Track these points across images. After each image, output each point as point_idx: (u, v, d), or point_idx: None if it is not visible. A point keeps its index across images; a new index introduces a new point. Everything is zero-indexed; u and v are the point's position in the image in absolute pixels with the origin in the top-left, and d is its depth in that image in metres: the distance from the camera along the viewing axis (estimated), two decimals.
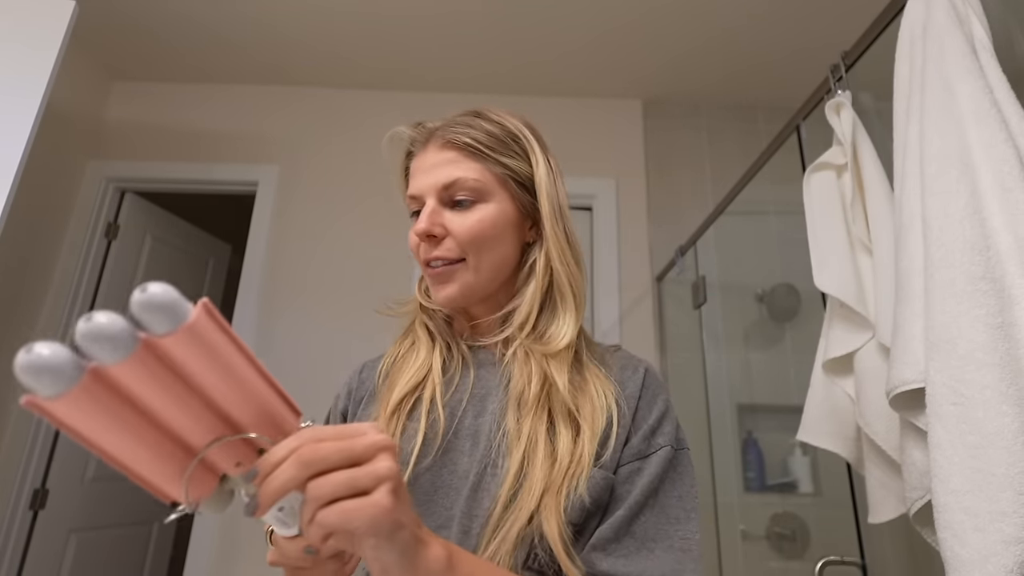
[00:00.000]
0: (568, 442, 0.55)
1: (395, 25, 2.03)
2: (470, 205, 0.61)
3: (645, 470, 0.57)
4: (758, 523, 1.86)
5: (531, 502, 0.52)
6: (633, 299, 2.14)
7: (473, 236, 0.61)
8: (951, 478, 0.65)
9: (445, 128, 0.64)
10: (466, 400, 0.62)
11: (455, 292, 0.62)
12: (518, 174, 0.64)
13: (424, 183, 0.62)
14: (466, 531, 0.54)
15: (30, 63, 1.45)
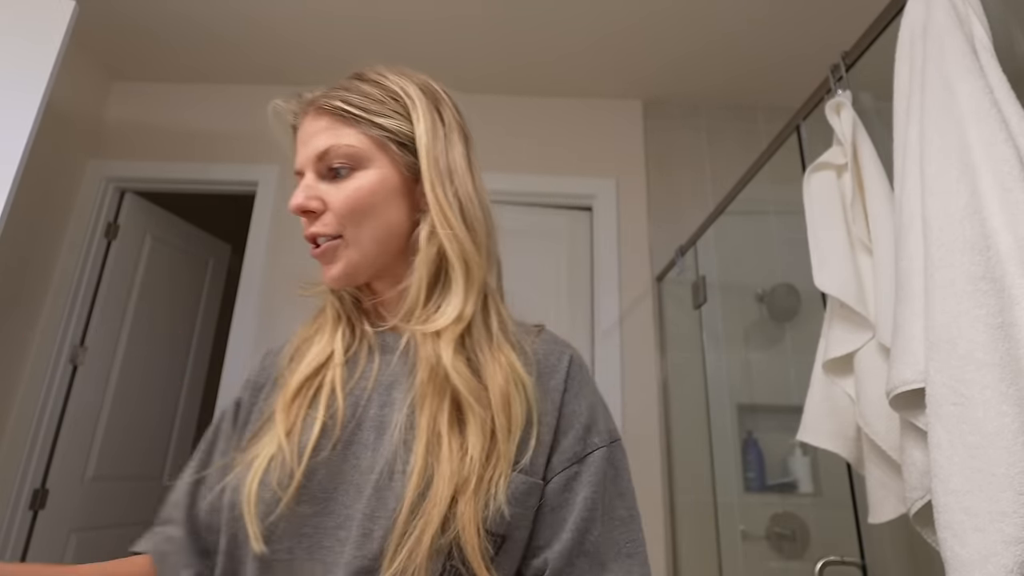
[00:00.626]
0: (479, 438, 0.49)
1: (395, 26, 2.03)
2: (348, 174, 0.56)
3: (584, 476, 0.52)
4: (758, 523, 1.86)
5: (441, 506, 0.46)
6: (633, 299, 2.14)
7: (350, 207, 0.56)
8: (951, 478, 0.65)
9: (325, 95, 0.59)
10: (371, 388, 0.56)
11: (339, 272, 0.58)
12: (398, 135, 0.57)
13: (302, 156, 0.58)
14: (367, 533, 0.48)
15: (30, 63, 1.45)
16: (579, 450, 0.54)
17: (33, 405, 1.98)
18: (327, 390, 0.55)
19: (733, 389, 2.01)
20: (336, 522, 0.49)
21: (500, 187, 2.25)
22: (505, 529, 0.48)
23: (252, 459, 0.52)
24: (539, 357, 0.58)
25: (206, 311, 2.73)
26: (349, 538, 0.48)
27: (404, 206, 0.59)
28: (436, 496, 0.47)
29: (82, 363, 2.11)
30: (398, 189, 0.58)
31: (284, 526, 0.49)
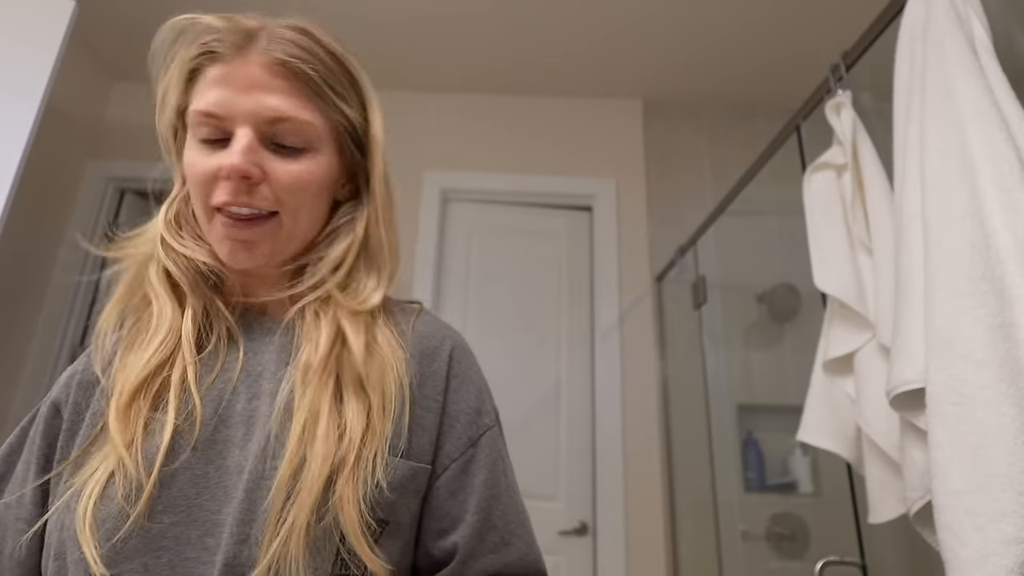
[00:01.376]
0: (358, 415, 0.47)
1: (395, 26, 2.03)
2: (297, 153, 0.50)
3: (480, 458, 0.53)
4: (758, 523, 1.86)
5: (315, 487, 0.43)
6: (633, 299, 2.14)
7: (300, 190, 0.50)
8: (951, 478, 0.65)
9: (274, 40, 0.50)
10: (236, 379, 0.50)
11: (263, 253, 0.51)
12: (354, 127, 0.54)
13: (239, 105, 0.48)
14: (243, 540, 0.43)
15: (30, 63, 1.45)
16: (472, 434, 0.54)
17: (33, 405, 1.96)
18: (176, 388, 0.48)
19: (733, 389, 2.01)
20: (202, 530, 0.45)
21: (500, 187, 2.25)
22: (387, 512, 0.47)
23: (89, 475, 0.45)
24: (419, 337, 0.56)
25: None
26: (219, 545, 0.44)
27: (330, 193, 0.55)
28: (309, 477, 0.44)
29: None
30: (336, 179, 0.55)
31: (135, 543, 0.43)
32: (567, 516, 1.94)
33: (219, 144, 0.49)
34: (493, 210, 2.28)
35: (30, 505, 0.49)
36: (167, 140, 0.56)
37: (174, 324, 0.51)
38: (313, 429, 0.46)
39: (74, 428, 0.51)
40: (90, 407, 0.51)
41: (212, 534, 0.44)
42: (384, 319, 0.55)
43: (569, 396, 2.06)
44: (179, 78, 0.51)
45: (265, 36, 0.50)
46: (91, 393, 0.52)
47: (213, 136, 0.49)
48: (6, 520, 0.49)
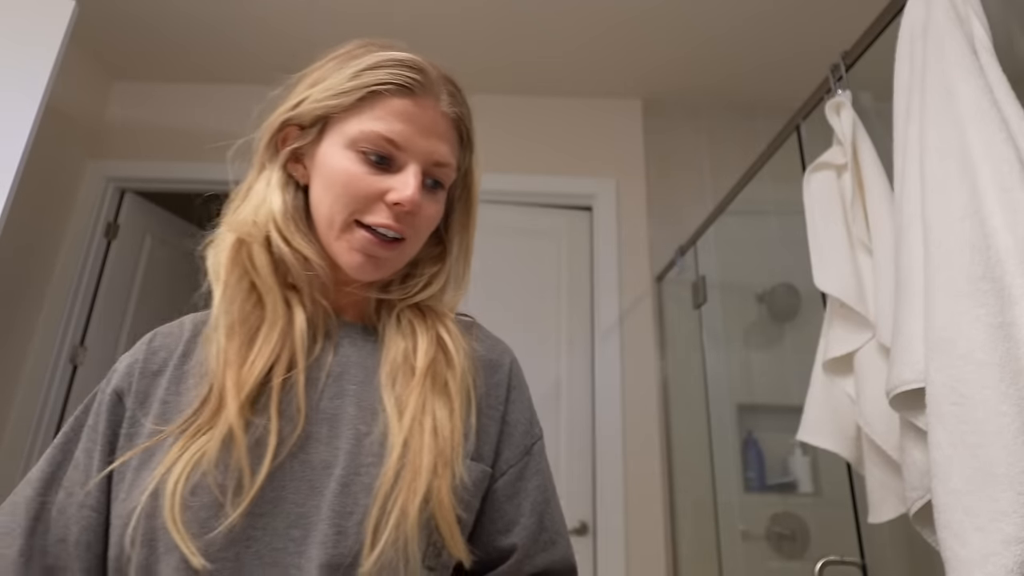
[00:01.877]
0: (447, 417, 0.51)
1: (395, 25, 2.03)
2: (438, 191, 0.56)
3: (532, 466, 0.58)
4: (758, 523, 1.86)
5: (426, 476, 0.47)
6: (633, 299, 2.14)
7: (430, 221, 0.56)
8: (951, 478, 0.65)
9: (450, 95, 0.57)
10: (323, 379, 0.53)
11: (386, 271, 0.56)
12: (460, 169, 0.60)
13: (421, 144, 0.53)
14: (341, 531, 0.46)
15: (30, 63, 1.45)
16: (527, 443, 0.59)
17: (33, 405, 1.98)
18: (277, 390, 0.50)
19: (733, 389, 2.01)
20: (287, 522, 0.46)
21: (500, 187, 2.25)
22: (464, 509, 0.50)
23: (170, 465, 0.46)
24: (483, 351, 0.60)
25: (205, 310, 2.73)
26: (307, 537, 0.46)
27: None
28: (419, 467, 0.47)
29: (82, 363, 2.10)
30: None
31: (229, 535, 0.45)
32: (567, 516, 1.92)
33: (382, 167, 0.53)
34: (493, 210, 2.28)
35: (97, 492, 0.50)
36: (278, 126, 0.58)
37: (286, 322, 0.52)
38: (419, 427, 0.49)
39: (138, 416, 0.51)
40: (157, 395, 0.52)
41: (298, 526, 0.46)
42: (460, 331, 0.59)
43: (569, 396, 2.06)
44: (353, 90, 0.53)
45: (444, 89, 0.56)
46: (158, 381, 0.53)
47: (379, 158, 0.52)
48: (69, 508, 0.50)
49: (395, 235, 0.53)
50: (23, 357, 2.00)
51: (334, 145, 0.54)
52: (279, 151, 0.58)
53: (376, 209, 0.52)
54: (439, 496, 0.47)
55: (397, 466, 0.47)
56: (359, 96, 0.53)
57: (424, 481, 0.47)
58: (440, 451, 0.49)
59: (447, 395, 0.52)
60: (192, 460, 0.46)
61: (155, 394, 0.52)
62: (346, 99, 0.53)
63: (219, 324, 0.52)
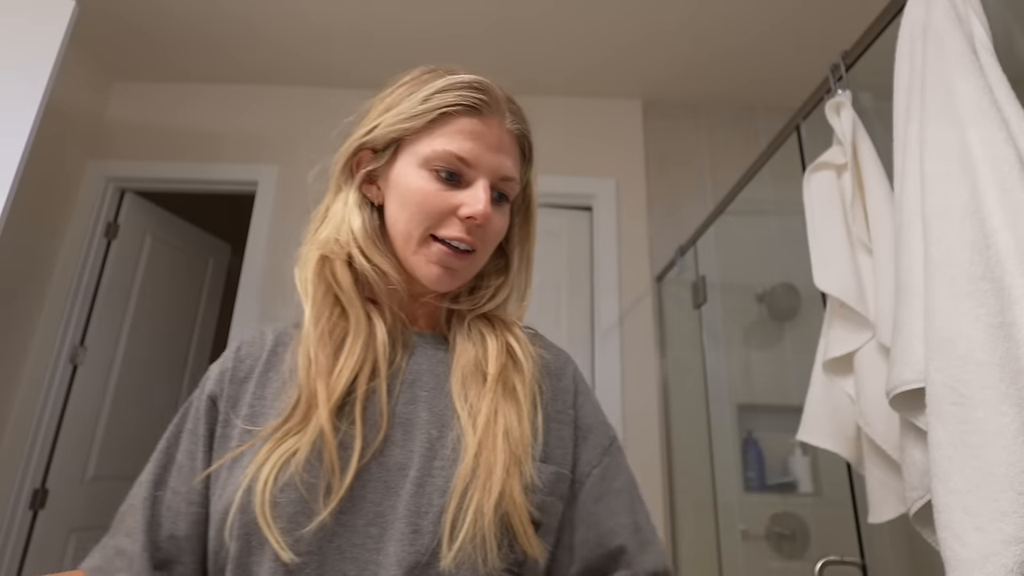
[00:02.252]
0: (515, 420, 0.53)
1: (395, 25, 2.03)
2: (504, 204, 0.60)
3: (613, 465, 0.59)
4: (758, 523, 1.86)
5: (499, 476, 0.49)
6: (633, 299, 2.14)
7: (496, 237, 0.60)
8: (951, 478, 0.65)
9: (513, 113, 0.60)
10: (398, 386, 0.56)
11: (459, 281, 0.59)
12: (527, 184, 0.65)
13: (489, 160, 0.57)
14: (416, 530, 0.48)
15: (30, 63, 1.45)
16: (604, 443, 0.60)
17: (33, 405, 1.98)
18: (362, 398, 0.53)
19: (733, 389, 2.01)
20: (366, 519, 0.49)
21: None
22: (540, 512, 0.52)
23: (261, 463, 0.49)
24: (547, 360, 0.62)
25: (206, 311, 2.73)
26: (384, 535, 0.49)
27: None
28: (493, 468, 0.50)
29: (82, 363, 2.11)
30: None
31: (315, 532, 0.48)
32: None
33: (453, 184, 0.56)
34: None
35: (201, 489, 0.54)
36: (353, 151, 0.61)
37: (368, 334, 0.57)
38: (492, 431, 0.52)
39: (230, 418, 0.56)
40: (245, 399, 0.56)
41: (375, 524, 0.49)
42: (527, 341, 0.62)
43: None
44: (424, 113, 0.57)
45: (508, 107, 0.59)
46: (246, 386, 0.57)
47: (449, 175, 0.56)
48: (178, 505, 0.54)
49: (467, 247, 0.57)
50: (23, 357, 2.00)
51: (408, 165, 0.57)
52: (354, 174, 0.61)
53: (449, 223, 0.56)
54: (512, 494, 0.49)
55: (472, 466, 0.50)
56: (430, 118, 0.56)
57: (498, 480, 0.49)
58: (511, 452, 0.51)
59: (516, 399, 0.55)
60: (282, 460, 0.49)
61: (244, 399, 0.57)
62: (418, 122, 0.57)
63: (309, 335, 0.56)
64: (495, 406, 0.54)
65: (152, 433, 2.55)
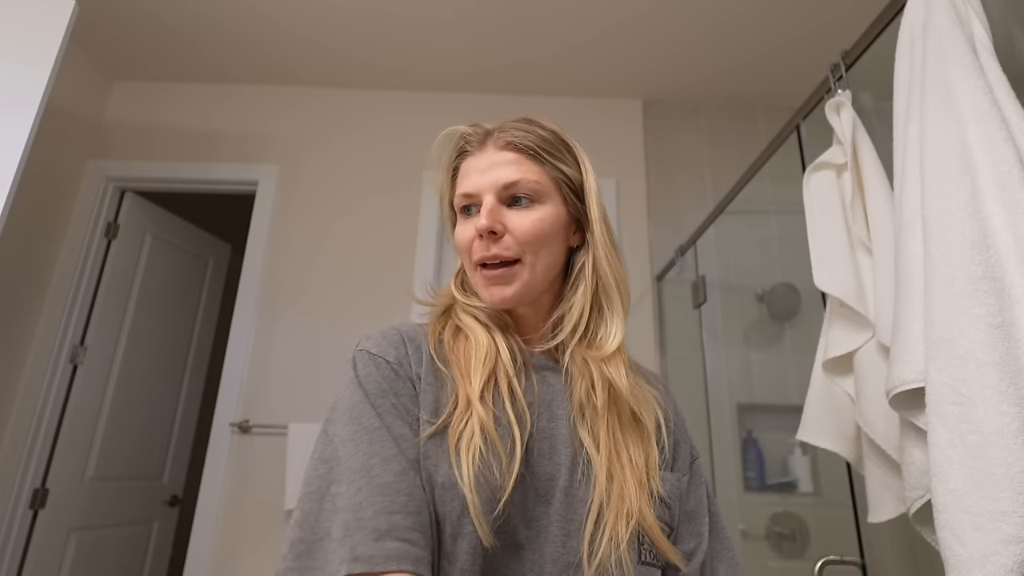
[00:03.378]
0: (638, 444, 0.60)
1: (395, 24, 2.03)
2: (528, 205, 0.62)
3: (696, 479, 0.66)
4: (758, 523, 1.86)
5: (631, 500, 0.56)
6: (633, 298, 2.13)
7: (533, 235, 0.61)
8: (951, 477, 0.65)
9: (504, 131, 0.65)
10: (537, 403, 0.60)
11: (512, 293, 0.61)
12: (571, 180, 0.66)
13: (483, 181, 0.62)
14: (568, 533, 0.55)
15: (30, 63, 1.45)
16: (689, 459, 0.68)
17: (33, 405, 1.98)
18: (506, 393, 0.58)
19: (733, 388, 2.01)
20: (524, 521, 0.54)
21: None
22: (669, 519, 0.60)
23: (460, 453, 0.53)
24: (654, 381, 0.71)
25: (206, 311, 2.73)
26: (538, 536, 0.54)
27: (563, 243, 0.66)
28: (624, 494, 0.56)
29: (82, 363, 2.11)
30: (563, 226, 0.65)
31: (498, 519, 0.52)
32: None
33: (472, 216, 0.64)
34: None
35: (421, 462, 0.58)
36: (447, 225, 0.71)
37: (490, 343, 0.62)
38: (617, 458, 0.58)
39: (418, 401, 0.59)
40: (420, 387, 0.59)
41: (529, 526, 0.55)
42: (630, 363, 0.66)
43: None
44: (447, 176, 0.68)
45: (497, 131, 0.65)
46: (419, 374, 0.60)
47: (465, 208, 0.64)
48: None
49: (497, 261, 0.61)
50: (23, 357, 2.00)
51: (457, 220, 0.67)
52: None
53: (476, 248, 0.62)
54: (643, 515, 0.56)
55: (605, 490, 0.56)
56: (450, 177, 0.68)
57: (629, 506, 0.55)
58: (638, 477, 0.57)
59: (635, 425, 0.61)
60: (470, 448, 0.53)
61: (419, 387, 0.59)
62: (447, 185, 0.68)
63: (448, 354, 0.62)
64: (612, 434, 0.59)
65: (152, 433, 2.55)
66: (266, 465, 1.94)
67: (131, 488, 2.33)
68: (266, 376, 2.04)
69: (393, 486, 0.49)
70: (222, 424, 1.99)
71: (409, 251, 2.17)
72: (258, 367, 2.05)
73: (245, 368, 2.04)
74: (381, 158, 2.29)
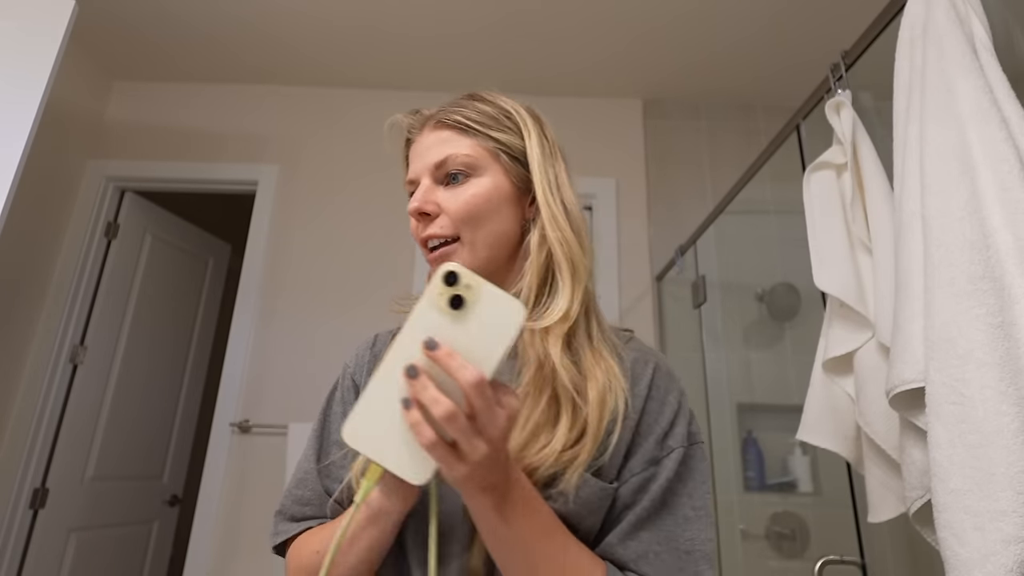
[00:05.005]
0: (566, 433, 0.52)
1: (395, 24, 2.03)
2: (463, 180, 0.61)
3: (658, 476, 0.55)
4: (758, 522, 1.86)
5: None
6: (633, 298, 2.14)
7: (467, 211, 0.59)
8: (951, 477, 0.65)
9: (441, 112, 0.64)
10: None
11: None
12: (511, 148, 0.63)
13: (418, 165, 0.63)
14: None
15: (30, 63, 1.45)
16: (656, 454, 0.56)
17: (33, 405, 1.98)
18: None
19: (733, 388, 2.01)
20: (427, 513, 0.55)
21: None
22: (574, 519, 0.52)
23: None
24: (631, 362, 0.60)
25: (206, 310, 2.73)
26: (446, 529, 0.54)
27: (512, 214, 0.62)
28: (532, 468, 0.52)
29: (82, 363, 2.11)
30: (509, 197, 0.62)
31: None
32: None
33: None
34: None
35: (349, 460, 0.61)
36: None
37: None
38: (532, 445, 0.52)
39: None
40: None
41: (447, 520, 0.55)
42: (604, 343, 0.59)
43: None
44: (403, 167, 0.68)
45: (432, 118, 0.64)
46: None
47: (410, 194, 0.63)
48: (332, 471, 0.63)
49: (436, 241, 0.61)
50: (23, 357, 2.00)
51: None
52: None
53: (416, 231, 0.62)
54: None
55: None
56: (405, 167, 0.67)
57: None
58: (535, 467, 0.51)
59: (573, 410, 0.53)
60: None
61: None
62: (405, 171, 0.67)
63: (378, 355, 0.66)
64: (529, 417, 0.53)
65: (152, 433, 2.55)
66: (266, 465, 1.94)
67: (131, 488, 2.33)
68: (266, 376, 2.04)
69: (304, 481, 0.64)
70: (222, 424, 1.99)
71: (409, 251, 2.17)
72: (258, 367, 2.05)
73: (245, 368, 2.04)
74: (381, 158, 2.29)
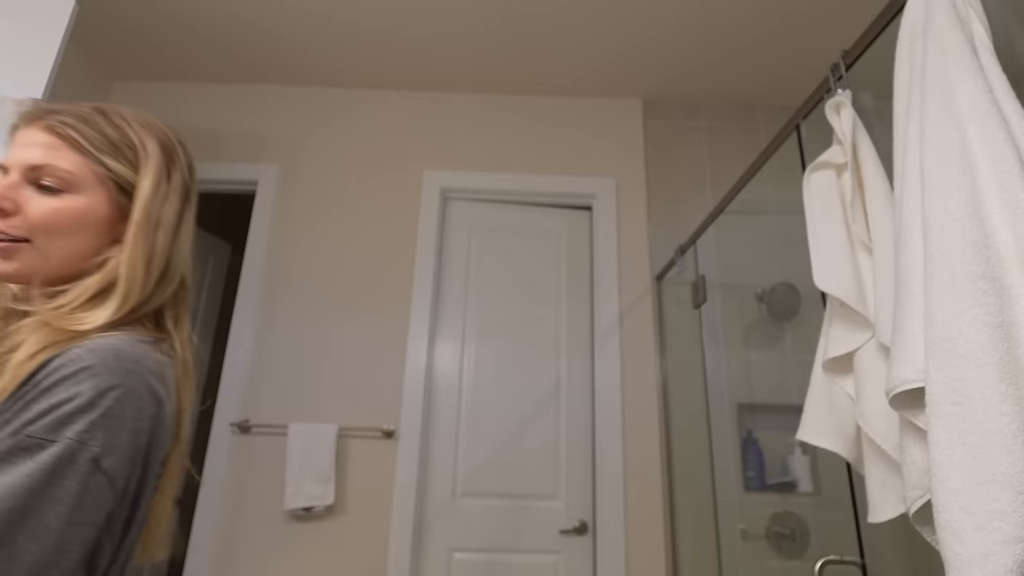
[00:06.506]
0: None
1: (396, 24, 2.03)
2: (55, 192, 0.61)
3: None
4: (758, 522, 1.86)
5: None
6: (633, 298, 2.14)
7: (46, 223, 0.61)
8: (951, 477, 0.65)
9: (57, 114, 0.64)
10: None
11: (12, 270, 0.60)
12: (121, 178, 0.65)
13: (15, 157, 0.62)
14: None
15: (30, 63, 1.45)
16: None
17: None
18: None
19: (733, 388, 2.01)
20: None
21: (500, 187, 2.25)
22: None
23: None
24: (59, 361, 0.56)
25: (206, 311, 2.73)
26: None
27: (101, 235, 0.64)
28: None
29: None
30: (102, 220, 0.64)
31: None
32: (567, 515, 1.94)
33: None
34: (493, 209, 2.29)
35: None
36: None
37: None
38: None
39: None
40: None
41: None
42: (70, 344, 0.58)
43: (569, 395, 2.07)
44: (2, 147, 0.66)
45: (47, 116, 0.63)
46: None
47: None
48: None
49: (3, 236, 0.60)
50: None
51: None
52: None
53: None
54: None
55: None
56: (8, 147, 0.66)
57: None
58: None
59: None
60: None
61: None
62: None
63: None
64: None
65: None
66: (266, 465, 1.94)
67: None
68: (266, 376, 2.04)
69: None
70: (222, 424, 1.99)
71: (409, 251, 2.17)
72: (258, 367, 2.05)
73: (245, 368, 2.05)
74: (381, 158, 2.29)
